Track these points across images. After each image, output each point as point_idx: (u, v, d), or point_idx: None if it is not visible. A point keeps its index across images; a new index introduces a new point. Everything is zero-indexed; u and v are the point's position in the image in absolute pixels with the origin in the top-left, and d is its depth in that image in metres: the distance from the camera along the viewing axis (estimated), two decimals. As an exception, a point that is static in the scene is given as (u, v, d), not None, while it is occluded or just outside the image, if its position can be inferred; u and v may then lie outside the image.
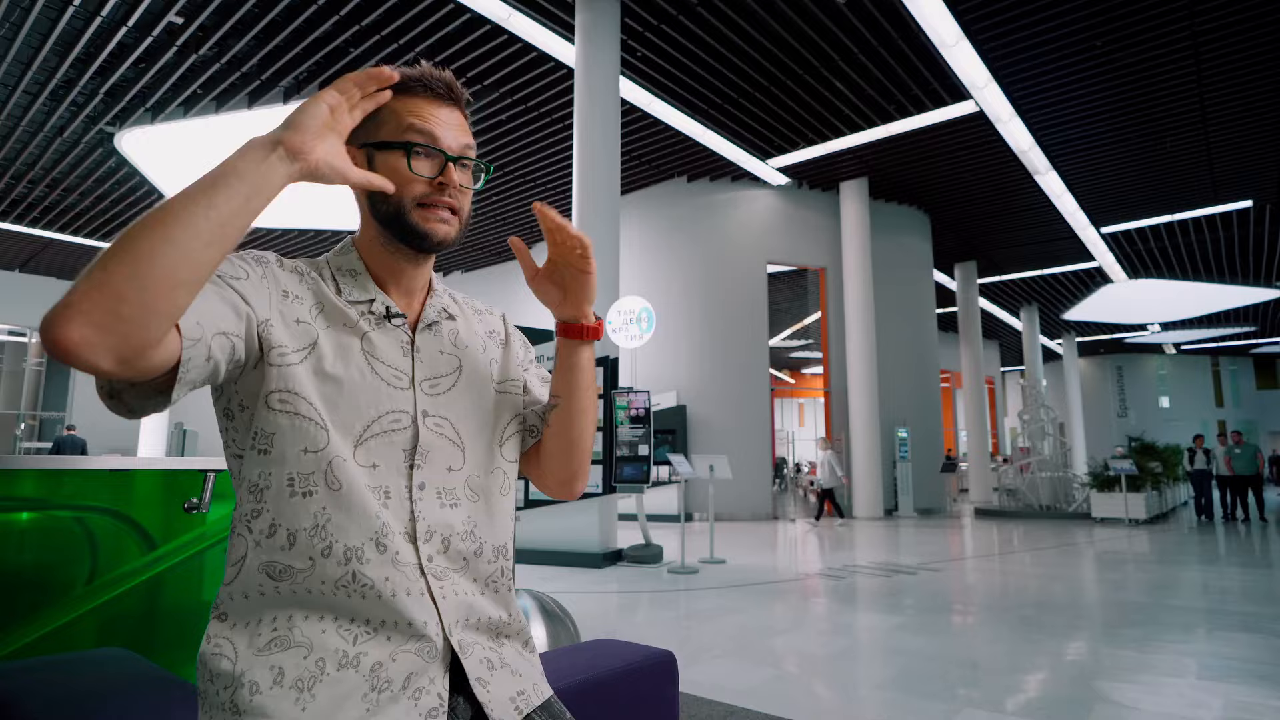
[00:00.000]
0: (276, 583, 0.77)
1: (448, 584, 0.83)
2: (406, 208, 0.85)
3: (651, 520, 8.92)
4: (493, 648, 0.86)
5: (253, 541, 0.79)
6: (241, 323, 0.75)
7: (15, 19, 8.41)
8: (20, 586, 1.85)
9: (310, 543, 0.77)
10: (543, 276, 0.89)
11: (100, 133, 11.27)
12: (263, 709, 0.72)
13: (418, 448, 0.84)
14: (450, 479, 0.87)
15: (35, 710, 1.01)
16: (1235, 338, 27.08)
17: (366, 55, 9.25)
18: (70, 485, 2.00)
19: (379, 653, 0.77)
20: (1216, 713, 2.91)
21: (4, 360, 19.79)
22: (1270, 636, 4.20)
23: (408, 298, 0.92)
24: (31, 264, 18.31)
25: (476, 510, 0.88)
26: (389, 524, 0.80)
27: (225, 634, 0.77)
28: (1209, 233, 15.76)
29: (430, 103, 0.87)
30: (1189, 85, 9.97)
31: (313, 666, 0.74)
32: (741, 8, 8.40)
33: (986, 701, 3.04)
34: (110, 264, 0.60)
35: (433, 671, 0.79)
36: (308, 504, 0.78)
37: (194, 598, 2.23)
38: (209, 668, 0.76)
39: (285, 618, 0.76)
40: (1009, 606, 5.13)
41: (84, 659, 1.41)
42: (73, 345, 0.58)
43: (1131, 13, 8.42)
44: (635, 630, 4.49)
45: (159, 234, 0.62)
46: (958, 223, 15.89)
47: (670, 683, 1.28)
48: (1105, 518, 12.23)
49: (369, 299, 0.88)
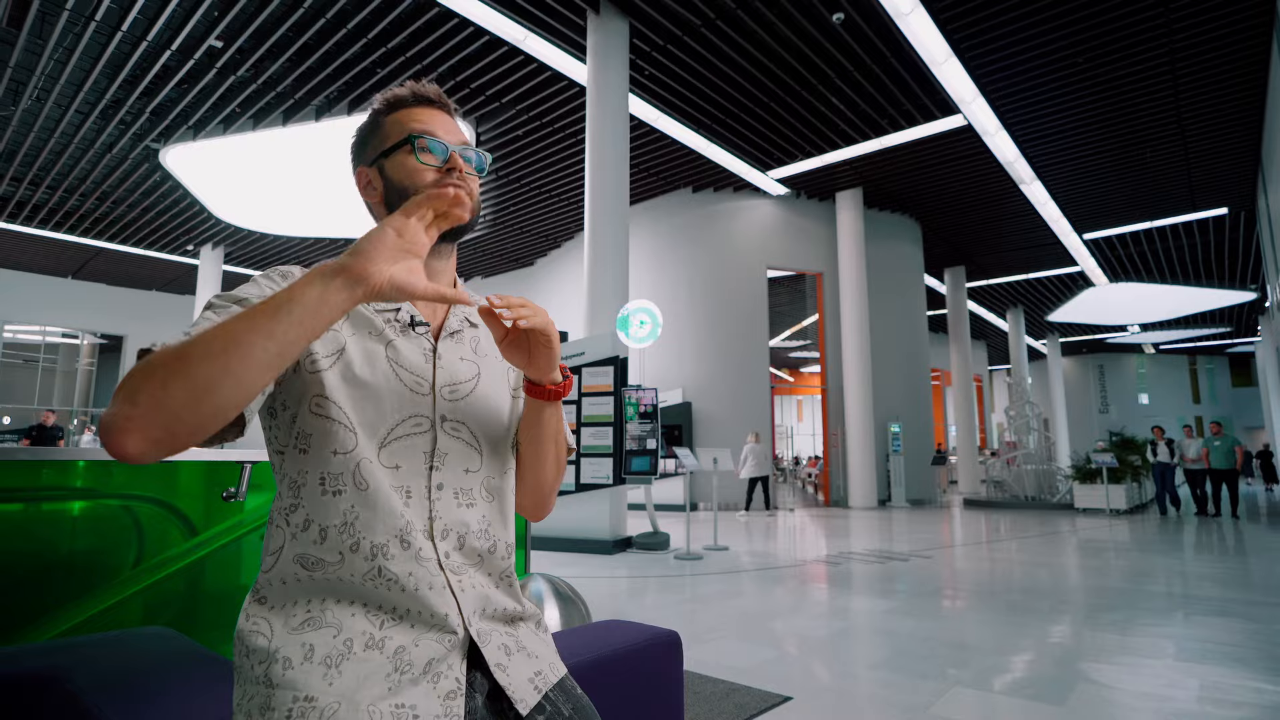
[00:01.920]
0: (310, 573, 0.78)
1: (465, 578, 0.83)
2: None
3: (659, 509, 8.92)
4: (509, 633, 0.86)
5: (289, 534, 0.79)
6: None
7: (68, 44, 8.49)
8: (72, 570, 1.87)
9: (340, 538, 0.77)
10: (510, 343, 0.85)
11: (146, 149, 11.36)
12: (293, 682, 0.72)
13: (436, 450, 0.84)
14: (467, 480, 0.87)
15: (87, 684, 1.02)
16: (1211, 338, 26.80)
17: (392, 75, 9.28)
18: (119, 476, 2.03)
19: (403, 637, 0.77)
20: (1193, 692, 2.88)
21: (58, 360, 19.98)
22: (1244, 620, 4.16)
23: (432, 305, 0.92)
24: (83, 271, 18.47)
25: (491, 510, 0.88)
26: (412, 522, 0.80)
27: (263, 614, 0.78)
28: (1186, 238, 15.62)
29: (423, 109, 0.90)
30: (1166, 99, 9.89)
31: (341, 645, 0.75)
32: (743, 29, 8.38)
33: (975, 681, 3.03)
34: (171, 385, 0.61)
35: (452, 659, 0.79)
36: (337, 502, 0.78)
37: (232, 581, 2.24)
38: (246, 644, 0.77)
39: (319, 602, 0.77)
40: (996, 592, 5.10)
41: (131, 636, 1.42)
42: (131, 455, 0.61)
43: (1112, 30, 8.36)
44: (643, 612, 4.49)
45: (219, 365, 0.62)
46: (947, 230, 15.80)
47: (675, 661, 1.28)
48: (1087, 508, 12.14)
49: (394, 308, 0.88)
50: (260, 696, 0.73)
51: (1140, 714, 2.64)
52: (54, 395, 19.68)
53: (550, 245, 16.80)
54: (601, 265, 8.01)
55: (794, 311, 19.02)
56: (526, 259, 17.76)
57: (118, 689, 1.02)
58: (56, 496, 1.93)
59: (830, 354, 14.01)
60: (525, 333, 0.84)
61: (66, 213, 14.16)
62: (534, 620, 0.91)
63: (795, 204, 13.95)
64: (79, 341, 20.33)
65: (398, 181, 0.88)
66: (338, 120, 10.18)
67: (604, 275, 8.01)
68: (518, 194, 13.43)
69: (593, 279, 8.04)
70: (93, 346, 20.56)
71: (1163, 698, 2.81)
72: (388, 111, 0.91)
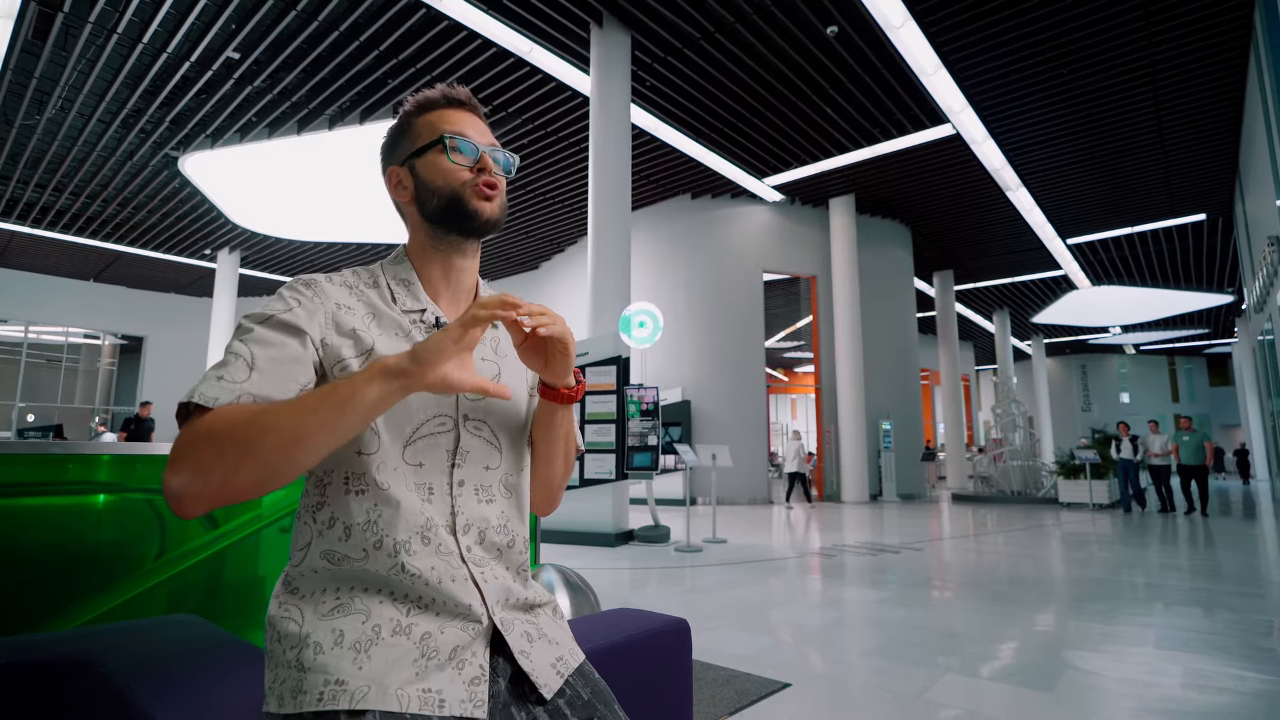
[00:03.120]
0: (336, 567, 0.78)
1: (486, 570, 0.83)
2: (457, 193, 0.86)
3: (659, 504, 8.91)
4: (530, 621, 0.86)
5: (316, 531, 0.79)
6: (308, 356, 0.78)
7: (91, 55, 8.49)
8: (98, 560, 1.87)
9: (363, 536, 0.77)
10: (528, 348, 0.85)
11: (165, 156, 11.36)
12: (324, 666, 0.72)
13: (459, 448, 0.84)
14: (487, 476, 0.86)
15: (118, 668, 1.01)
16: (1190, 339, 26.81)
17: (403, 86, 9.28)
18: (142, 470, 2.02)
19: (428, 624, 0.77)
20: (1176, 679, 2.88)
21: (80, 360, 19.97)
22: (1223, 610, 4.16)
23: (455, 305, 0.92)
24: (104, 274, 18.46)
25: (509, 506, 0.88)
26: (433, 518, 0.80)
27: (294, 602, 0.78)
28: (1166, 243, 15.62)
29: (454, 110, 0.90)
30: (1147, 109, 9.89)
31: (369, 631, 0.75)
32: (740, 41, 8.38)
33: (963, 668, 3.02)
34: (242, 469, 0.67)
35: (476, 646, 0.79)
36: (360, 501, 0.78)
37: (251, 572, 2.23)
38: (277, 629, 0.77)
39: (347, 590, 0.77)
40: (984, 582, 5.09)
41: (159, 624, 1.42)
42: (192, 517, 0.71)
43: (1095, 43, 8.36)
44: (646, 602, 4.48)
45: (285, 455, 0.67)
46: (936, 235, 15.80)
47: (685, 647, 1.28)
48: (1071, 502, 12.13)
49: (420, 309, 0.88)
50: (292, 680, 0.73)
51: (1126, 700, 2.64)
52: (76, 394, 19.67)
53: (554, 249, 16.80)
54: (604, 268, 8.01)
55: (789, 313, 19.02)
56: (531, 262, 17.76)
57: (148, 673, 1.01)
58: (82, 490, 1.93)
59: (823, 354, 14.00)
60: (544, 339, 0.84)
61: (89, 218, 14.15)
62: (550, 607, 0.91)
63: (790, 210, 13.95)
64: (100, 342, 20.32)
65: (429, 180, 0.87)
66: (350, 129, 10.18)
67: (606, 278, 8.01)
68: (524, 200, 13.42)
69: (596, 282, 8.04)
70: (113, 347, 20.55)
71: (1147, 684, 2.81)
72: (419, 113, 0.90)
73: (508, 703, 0.79)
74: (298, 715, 0.71)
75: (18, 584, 1.70)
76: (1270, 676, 2.92)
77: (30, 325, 18.52)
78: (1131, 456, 11.13)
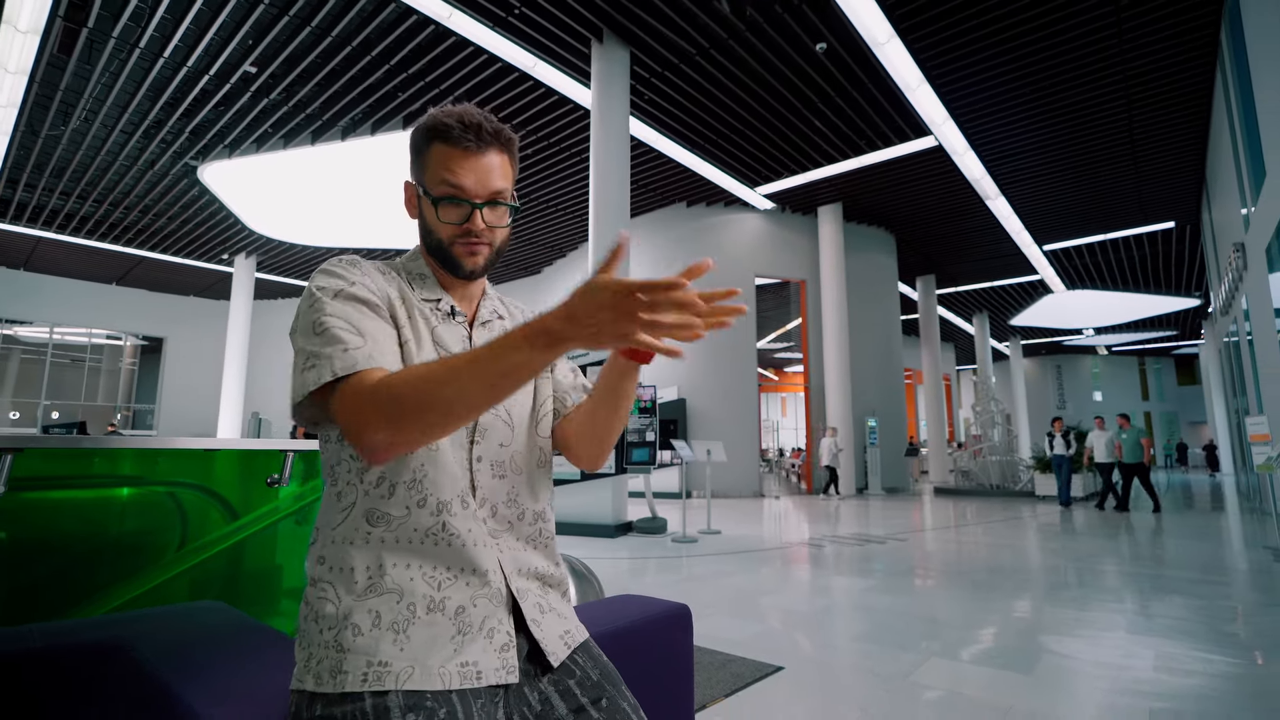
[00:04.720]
0: (372, 528, 0.78)
1: (502, 540, 0.84)
2: (443, 244, 0.88)
3: (657, 497, 8.91)
4: (541, 594, 0.87)
5: (363, 491, 0.79)
6: (388, 318, 0.82)
7: (114, 69, 8.46)
8: (122, 551, 1.86)
9: (408, 494, 0.78)
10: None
11: (185, 165, 11.32)
12: (365, 648, 0.72)
13: (478, 426, 0.86)
14: (501, 453, 0.87)
15: (149, 653, 1.01)
16: (1159, 340, 26.88)
17: (412, 99, 9.27)
18: (164, 464, 2.01)
19: (460, 597, 0.77)
20: (1148, 662, 2.89)
21: (103, 360, 19.90)
22: (1190, 598, 4.18)
23: (465, 301, 0.95)
24: (126, 278, 18.41)
25: (519, 481, 0.89)
26: (465, 487, 0.82)
27: (326, 578, 0.77)
28: (1136, 249, 15.66)
29: (462, 154, 0.83)
30: (1120, 122, 9.92)
31: (405, 610, 0.75)
32: (734, 57, 8.39)
33: (946, 652, 3.03)
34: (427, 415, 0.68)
35: (500, 614, 0.80)
36: (409, 460, 0.79)
37: (270, 561, 2.23)
38: (314, 609, 0.76)
39: (376, 565, 0.77)
40: (964, 571, 5.11)
41: (185, 610, 1.41)
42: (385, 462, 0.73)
43: (1071, 59, 8.38)
44: (645, 590, 4.47)
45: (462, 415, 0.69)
46: (919, 241, 15.82)
47: (686, 632, 1.28)
48: (1046, 495, 12.15)
49: (437, 298, 0.90)
50: (330, 660, 0.73)
51: (1101, 682, 2.65)
52: (99, 393, 19.60)
53: (556, 254, 16.79)
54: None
55: (779, 316, 19.03)
56: (535, 267, 17.75)
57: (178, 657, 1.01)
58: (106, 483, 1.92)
59: (812, 355, 14.01)
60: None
61: (111, 224, 14.10)
62: (561, 589, 0.92)
63: (780, 217, 13.96)
64: (122, 343, 20.25)
65: (425, 218, 0.89)
66: (362, 140, 10.16)
67: (606, 282, 7.98)
68: (527, 207, 13.41)
69: (596, 285, 8.01)
70: (135, 348, 20.49)
71: (1121, 667, 2.82)
72: (432, 138, 0.85)
73: (522, 682, 0.80)
74: (337, 695, 0.71)
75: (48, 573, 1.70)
76: (1236, 659, 2.93)
77: (55, 327, 18.47)
78: (1064, 452, 10.65)
